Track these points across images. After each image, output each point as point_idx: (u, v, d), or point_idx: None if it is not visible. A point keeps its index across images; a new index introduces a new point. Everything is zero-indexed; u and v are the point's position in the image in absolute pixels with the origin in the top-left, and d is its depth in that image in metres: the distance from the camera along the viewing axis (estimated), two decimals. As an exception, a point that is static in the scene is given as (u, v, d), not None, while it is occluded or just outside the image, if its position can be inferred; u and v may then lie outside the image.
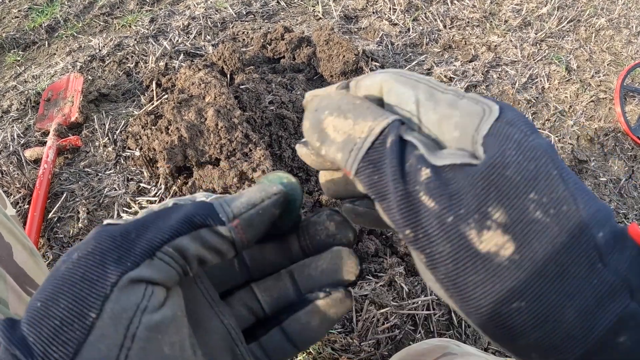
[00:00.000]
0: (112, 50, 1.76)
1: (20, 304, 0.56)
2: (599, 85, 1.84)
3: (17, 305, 0.56)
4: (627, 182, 1.57)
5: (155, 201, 1.29)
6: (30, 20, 2.00)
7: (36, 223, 1.21)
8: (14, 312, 0.55)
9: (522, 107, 1.70)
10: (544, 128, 1.64)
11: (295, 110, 1.45)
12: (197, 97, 1.32)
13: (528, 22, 2.08)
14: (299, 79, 1.58)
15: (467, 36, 1.97)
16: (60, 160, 1.40)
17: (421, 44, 1.91)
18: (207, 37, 1.84)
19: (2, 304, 0.54)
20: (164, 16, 1.94)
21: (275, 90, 1.48)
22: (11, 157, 1.39)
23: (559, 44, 1.99)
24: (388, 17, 2.01)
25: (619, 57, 1.98)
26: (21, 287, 0.59)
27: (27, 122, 1.53)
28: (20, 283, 0.59)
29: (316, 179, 1.38)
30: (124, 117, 1.51)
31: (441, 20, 2.02)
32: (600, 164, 1.60)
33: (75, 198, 1.31)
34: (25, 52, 1.87)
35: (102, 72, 1.69)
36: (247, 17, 1.98)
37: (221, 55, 1.55)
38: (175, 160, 1.24)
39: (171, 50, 1.73)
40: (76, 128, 1.50)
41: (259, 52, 1.71)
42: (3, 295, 0.54)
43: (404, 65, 1.76)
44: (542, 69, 1.85)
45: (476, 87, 1.73)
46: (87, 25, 1.97)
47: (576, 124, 1.69)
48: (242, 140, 1.25)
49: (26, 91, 1.63)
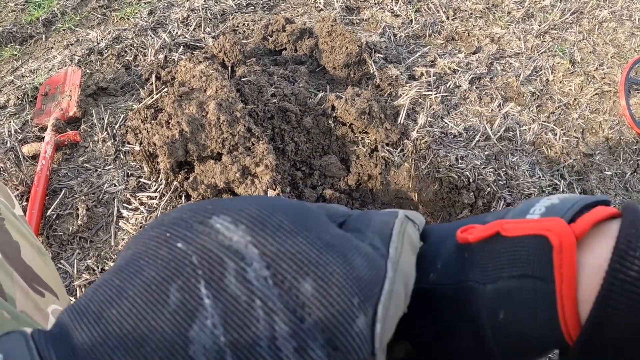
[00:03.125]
0: (111, 43, 1.73)
1: (27, 302, 0.57)
2: (603, 78, 1.82)
3: (24, 302, 0.56)
4: (633, 176, 1.55)
5: (155, 197, 1.27)
6: (27, 14, 1.97)
7: (35, 220, 1.19)
8: (20, 309, 0.55)
9: (526, 99, 1.68)
10: (549, 121, 1.62)
11: (297, 102, 1.42)
12: (198, 90, 1.30)
13: (531, 14, 2.05)
14: (301, 71, 1.56)
15: (470, 28, 1.94)
16: (59, 156, 1.38)
17: (424, 36, 1.89)
18: (207, 29, 1.81)
19: (9, 301, 0.54)
20: (162, 8, 1.91)
21: (277, 82, 1.45)
22: (8, 153, 1.37)
23: (563, 35, 1.97)
24: (390, 9, 1.98)
25: (622, 50, 1.96)
26: (28, 285, 0.59)
27: (25, 117, 1.51)
28: (27, 281, 0.60)
29: (320, 173, 1.36)
30: (123, 111, 1.49)
31: (444, 12, 2.00)
32: (606, 158, 1.58)
33: (74, 194, 1.28)
34: (22, 46, 1.84)
35: (101, 65, 1.66)
36: (248, 8, 1.95)
37: (222, 47, 1.53)
38: (176, 155, 1.22)
39: (170, 43, 1.70)
40: (74, 123, 1.47)
41: (260, 44, 1.69)
42: (10, 293, 0.54)
43: (407, 57, 1.73)
44: (546, 61, 1.83)
45: (480, 79, 1.70)
46: (85, 18, 1.94)
47: (581, 117, 1.67)
48: (244, 134, 1.23)
49: (23, 86, 1.61)
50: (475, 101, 1.61)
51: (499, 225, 0.30)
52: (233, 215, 0.26)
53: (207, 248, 0.25)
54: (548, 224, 0.28)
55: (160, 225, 0.27)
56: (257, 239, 0.25)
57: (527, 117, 1.60)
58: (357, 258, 0.27)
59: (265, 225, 0.26)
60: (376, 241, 0.30)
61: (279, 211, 0.27)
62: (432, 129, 1.48)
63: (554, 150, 1.53)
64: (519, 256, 0.29)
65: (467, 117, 1.56)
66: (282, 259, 0.25)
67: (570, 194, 0.32)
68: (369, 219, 0.32)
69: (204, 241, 0.25)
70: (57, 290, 0.65)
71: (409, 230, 0.33)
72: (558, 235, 0.27)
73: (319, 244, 0.26)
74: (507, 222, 0.30)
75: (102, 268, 1.17)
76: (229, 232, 0.25)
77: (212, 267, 0.24)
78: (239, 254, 0.24)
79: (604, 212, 0.28)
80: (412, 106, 1.55)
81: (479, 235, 0.31)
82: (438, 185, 1.39)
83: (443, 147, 1.44)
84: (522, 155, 1.49)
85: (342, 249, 0.27)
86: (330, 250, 0.26)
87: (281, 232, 0.26)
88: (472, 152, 1.44)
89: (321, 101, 1.45)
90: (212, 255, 0.24)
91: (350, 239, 0.28)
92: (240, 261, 0.24)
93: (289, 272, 0.24)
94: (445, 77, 1.69)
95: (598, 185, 1.50)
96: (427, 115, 1.51)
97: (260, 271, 0.24)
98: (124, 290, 0.24)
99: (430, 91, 1.60)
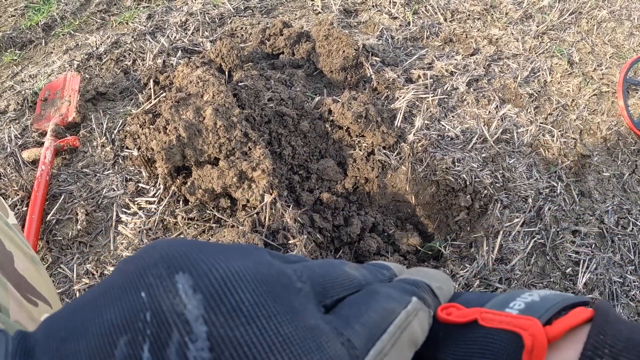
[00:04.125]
0: (109, 48, 1.74)
1: (21, 311, 0.57)
2: (602, 79, 1.82)
3: (17, 312, 0.56)
4: (631, 177, 1.55)
5: (154, 202, 1.28)
6: (27, 19, 1.98)
7: (34, 226, 1.20)
8: (14, 319, 0.55)
9: (524, 101, 1.68)
10: (547, 122, 1.62)
11: (294, 106, 1.43)
12: (195, 96, 1.30)
13: (529, 15, 2.05)
14: (299, 75, 1.57)
15: (468, 29, 1.94)
16: (58, 161, 1.39)
17: (422, 38, 1.89)
18: (205, 33, 1.82)
19: (3, 311, 0.54)
20: (161, 12, 1.92)
21: (274, 87, 1.46)
22: (8, 159, 1.38)
23: (561, 36, 1.97)
24: (388, 11, 1.99)
25: (621, 50, 1.96)
26: (22, 295, 0.59)
27: (25, 122, 1.52)
28: (21, 291, 0.60)
29: (317, 177, 1.37)
30: (121, 116, 1.50)
31: (442, 14, 2.00)
32: (604, 159, 1.58)
33: (73, 199, 1.30)
34: (22, 52, 1.85)
35: (100, 70, 1.68)
36: (246, 12, 1.96)
37: (219, 52, 1.53)
38: (173, 160, 1.22)
39: (169, 47, 1.71)
40: (74, 128, 1.48)
41: (258, 47, 1.69)
42: (4, 303, 0.55)
43: (404, 60, 1.74)
44: (544, 62, 1.83)
45: (478, 80, 1.71)
46: (84, 23, 1.95)
47: (579, 118, 1.67)
48: (241, 138, 1.24)
49: (23, 91, 1.62)
50: (473, 103, 1.62)
51: (477, 313, 0.31)
52: (196, 278, 0.24)
53: (162, 309, 0.23)
54: (524, 323, 0.29)
55: (143, 261, 0.26)
56: (209, 315, 0.23)
57: (524, 118, 1.60)
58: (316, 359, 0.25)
59: (223, 301, 0.24)
60: (357, 338, 0.27)
61: (249, 284, 0.25)
62: (429, 132, 1.48)
63: (552, 151, 1.53)
64: (491, 348, 0.29)
65: (465, 120, 1.56)
66: (227, 346, 0.23)
67: (552, 291, 0.32)
68: (372, 303, 0.30)
69: (162, 300, 0.24)
70: (51, 300, 0.66)
71: (414, 324, 0.30)
72: (532, 336, 0.27)
73: (273, 338, 0.24)
74: (486, 312, 0.31)
75: (102, 272, 1.18)
76: (185, 297, 0.24)
77: (160, 331, 0.23)
78: (188, 327, 0.23)
79: (580, 317, 0.29)
80: (409, 109, 1.55)
81: (456, 320, 0.32)
82: (435, 188, 1.39)
83: (440, 149, 1.45)
84: (520, 157, 1.49)
85: (301, 348, 0.24)
86: (284, 348, 0.24)
87: (237, 314, 0.24)
88: (469, 154, 1.44)
89: (318, 105, 1.46)
90: (163, 318, 0.23)
91: (318, 336, 0.25)
92: (186, 334, 0.23)
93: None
94: (443, 80, 1.69)
95: (596, 187, 1.50)
96: (424, 118, 1.52)
97: (202, 352, 0.22)
98: (87, 325, 0.24)
99: (427, 94, 1.60)
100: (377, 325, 0.28)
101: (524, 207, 1.37)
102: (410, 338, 0.29)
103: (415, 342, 0.30)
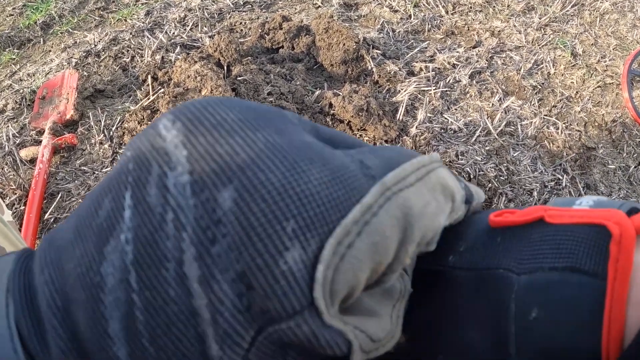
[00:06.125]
0: (108, 45, 1.73)
1: None
2: (605, 70, 1.79)
3: None
4: (637, 169, 1.53)
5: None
6: (25, 18, 1.97)
7: (32, 225, 1.19)
8: None
9: (527, 93, 1.66)
10: (551, 115, 1.60)
11: (294, 101, 1.41)
12: (193, 90, 1.29)
13: (532, 7, 2.03)
14: (298, 69, 1.55)
15: (470, 22, 1.92)
16: (56, 159, 1.37)
17: (423, 31, 1.87)
18: (204, 28, 1.80)
19: None
20: (159, 8, 1.90)
21: (274, 81, 1.44)
22: (6, 158, 1.37)
23: (564, 28, 1.94)
24: (389, 4, 1.97)
25: (624, 42, 1.94)
26: None
27: (23, 121, 1.51)
28: None
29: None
30: (120, 113, 1.48)
31: (443, 6, 1.98)
32: (609, 151, 1.56)
33: (71, 198, 1.28)
34: (20, 50, 1.84)
35: (98, 67, 1.66)
36: (245, 7, 1.94)
37: (217, 47, 1.52)
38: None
39: (167, 43, 1.70)
40: (72, 126, 1.47)
41: (257, 42, 1.68)
42: None
43: (405, 53, 1.72)
44: (547, 54, 1.81)
45: (480, 73, 1.69)
46: (83, 21, 1.93)
47: (583, 110, 1.65)
48: (240, 134, 1.22)
49: (21, 90, 1.60)
50: (476, 96, 1.60)
51: (542, 210, 0.27)
52: (176, 112, 0.21)
53: (142, 151, 0.20)
54: (604, 214, 0.24)
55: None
56: (189, 138, 0.20)
57: (528, 111, 1.58)
58: (317, 169, 0.20)
59: (202, 123, 0.20)
60: (371, 161, 0.22)
61: (233, 109, 0.21)
62: (432, 125, 1.46)
63: (556, 144, 1.51)
64: (566, 246, 0.25)
65: (467, 112, 1.54)
66: (207, 161, 0.19)
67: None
68: (384, 148, 0.25)
69: (142, 144, 0.21)
70: None
71: (441, 170, 0.25)
72: (618, 225, 0.23)
73: (263, 145, 0.20)
74: (552, 209, 0.27)
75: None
76: (165, 131, 0.20)
77: (140, 173, 0.20)
78: (167, 156, 0.20)
79: None
80: (411, 102, 1.53)
81: (518, 220, 0.27)
82: (438, 181, 1.38)
83: (443, 143, 1.43)
84: (524, 150, 1.47)
85: (296, 156, 0.20)
86: (275, 153, 0.20)
87: (218, 129, 0.20)
88: (473, 147, 1.42)
89: (318, 99, 1.44)
90: (142, 159, 0.20)
91: (321, 149, 0.21)
92: (165, 164, 0.19)
93: (210, 178, 0.19)
94: (445, 72, 1.67)
95: (602, 180, 1.48)
96: (426, 111, 1.50)
97: (181, 177, 0.19)
98: (81, 205, 0.23)
99: (429, 86, 1.58)
100: (393, 159, 0.23)
101: (529, 201, 1.35)
102: (440, 182, 0.24)
103: (448, 190, 0.25)
